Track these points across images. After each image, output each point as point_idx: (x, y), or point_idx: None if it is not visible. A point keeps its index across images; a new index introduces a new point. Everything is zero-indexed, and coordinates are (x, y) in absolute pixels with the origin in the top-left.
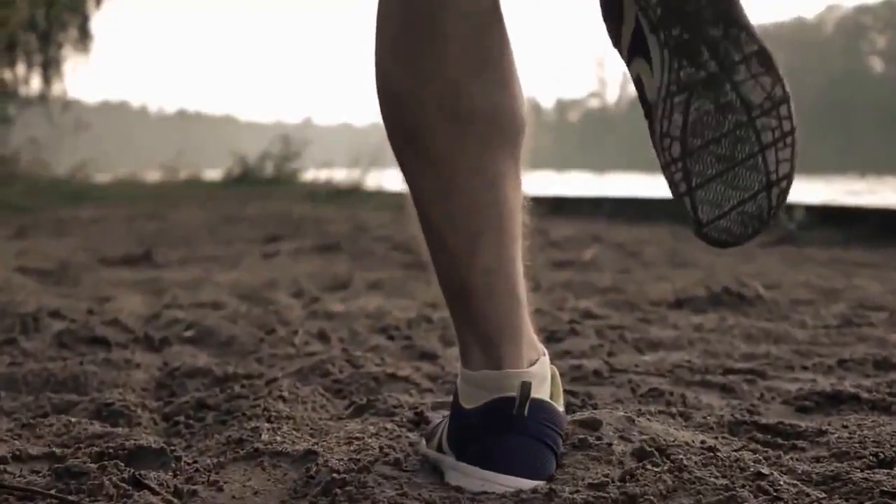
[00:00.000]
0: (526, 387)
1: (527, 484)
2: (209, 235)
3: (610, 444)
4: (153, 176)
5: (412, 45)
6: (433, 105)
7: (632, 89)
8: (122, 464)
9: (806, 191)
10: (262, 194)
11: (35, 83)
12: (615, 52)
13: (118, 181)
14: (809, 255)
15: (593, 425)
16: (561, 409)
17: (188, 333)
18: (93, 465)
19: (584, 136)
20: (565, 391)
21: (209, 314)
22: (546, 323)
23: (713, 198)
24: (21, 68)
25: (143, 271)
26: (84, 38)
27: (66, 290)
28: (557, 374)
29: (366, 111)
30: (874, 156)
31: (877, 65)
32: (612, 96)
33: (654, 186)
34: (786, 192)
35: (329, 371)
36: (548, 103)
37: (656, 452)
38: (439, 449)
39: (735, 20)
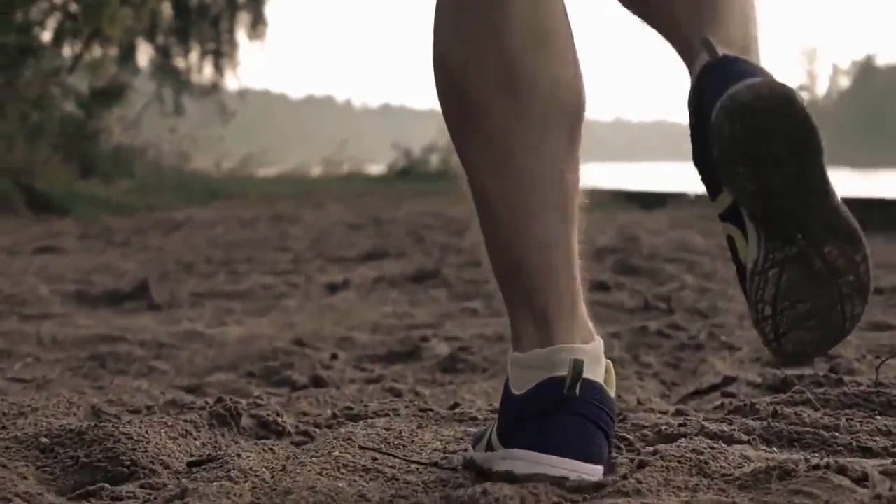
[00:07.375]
0: (578, 364)
1: (580, 467)
2: (307, 249)
3: None
4: (317, 171)
5: (470, 20)
6: (490, 79)
7: (842, 83)
8: None
9: None
10: (422, 191)
11: (208, 72)
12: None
13: (279, 176)
14: None
15: None
16: (613, 395)
17: None
18: None
19: None
20: None
21: None
22: None
23: (796, 339)
24: (194, 56)
25: (122, 316)
26: (258, 24)
27: None
28: (612, 366)
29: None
30: None
31: None
32: (821, 89)
33: (871, 185)
34: (855, 320)
35: None
36: None
37: None
38: (489, 448)
39: (829, 210)
